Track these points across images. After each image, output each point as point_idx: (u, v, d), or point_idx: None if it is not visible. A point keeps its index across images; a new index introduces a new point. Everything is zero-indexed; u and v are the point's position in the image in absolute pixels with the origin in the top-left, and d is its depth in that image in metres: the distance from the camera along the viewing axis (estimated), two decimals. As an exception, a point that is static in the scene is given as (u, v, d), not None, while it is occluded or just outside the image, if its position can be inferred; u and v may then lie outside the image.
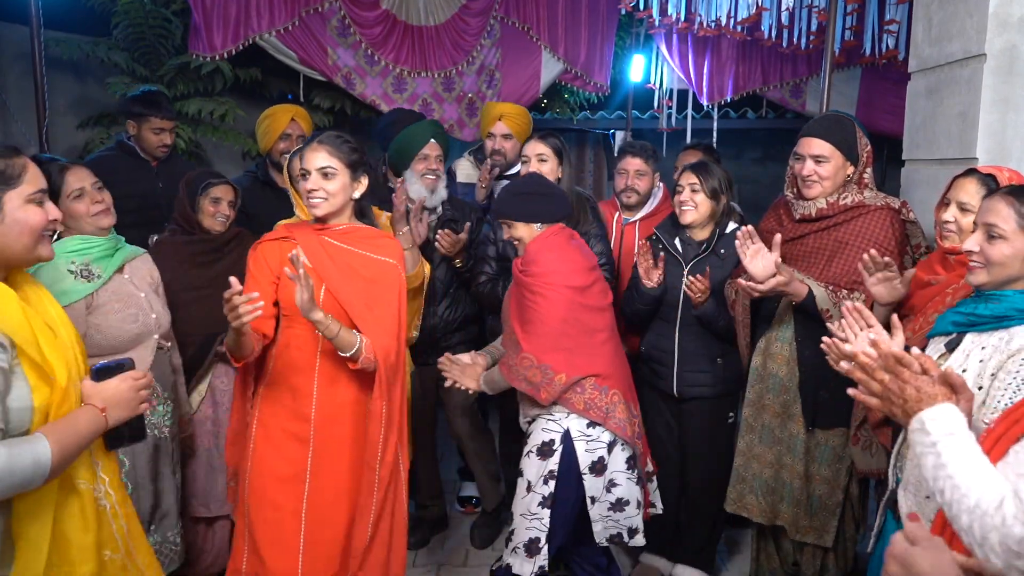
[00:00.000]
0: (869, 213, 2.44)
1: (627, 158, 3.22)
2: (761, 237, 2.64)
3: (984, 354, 1.56)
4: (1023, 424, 1.18)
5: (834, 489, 2.53)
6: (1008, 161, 2.45)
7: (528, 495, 2.45)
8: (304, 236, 2.19)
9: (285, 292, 2.15)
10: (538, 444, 2.45)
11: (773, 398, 2.59)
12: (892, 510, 1.78)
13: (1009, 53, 2.44)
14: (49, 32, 3.74)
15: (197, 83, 4.34)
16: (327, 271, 2.16)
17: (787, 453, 2.57)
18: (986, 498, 1.13)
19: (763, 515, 2.63)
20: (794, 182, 2.57)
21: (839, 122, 2.50)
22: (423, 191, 3.01)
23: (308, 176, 2.17)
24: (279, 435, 2.22)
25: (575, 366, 2.38)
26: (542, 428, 2.46)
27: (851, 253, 2.42)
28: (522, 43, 4.76)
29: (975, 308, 1.61)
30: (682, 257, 2.84)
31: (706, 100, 5.13)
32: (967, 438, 1.24)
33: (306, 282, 1.98)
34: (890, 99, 4.82)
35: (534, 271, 2.41)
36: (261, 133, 3.55)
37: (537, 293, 2.38)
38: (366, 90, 4.59)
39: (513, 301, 2.48)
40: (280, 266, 2.12)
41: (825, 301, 2.40)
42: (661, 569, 3.09)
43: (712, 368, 2.79)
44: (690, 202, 2.77)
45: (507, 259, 2.92)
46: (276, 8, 4.32)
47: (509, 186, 2.62)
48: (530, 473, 2.46)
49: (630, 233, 3.21)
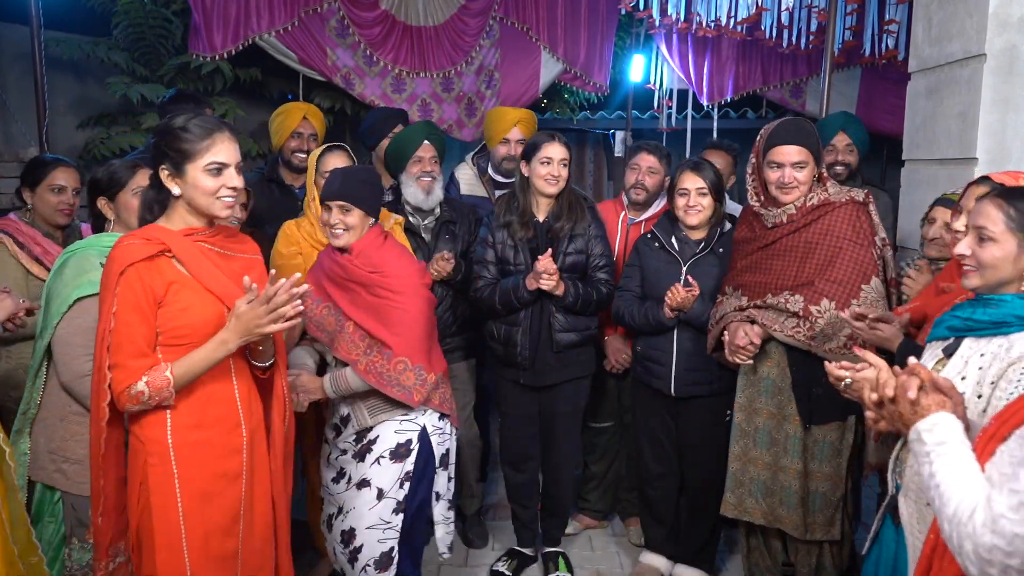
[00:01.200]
0: (834, 210, 2.48)
1: (641, 154, 3.21)
2: (737, 247, 2.67)
3: (983, 361, 1.55)
4: (1011, 424, 1.18)
5: (836, 484, 2.54)
6: (1008, 161, 2.46)
7: (379, 504, 2.39)
8: (179, 244, 1.83)
9: (174, 317, 1.78)
10: (391, 448, 2.40)
11: (766, 400, 2.58)
12: (892, 515, 1.78)
13: (1009, 53, 2.44)
14: (49, 32, 3.74)
15: (197, 83, 4.34)
16: (213, 276, 1.85)
17: (784, 454, 2.57)
18: (962, 506, 1.15)
19: (764, 517, 2.63)
20: (760, 190, 2.58)
21: (806, 127, 2.54)
22: (419, 194, 3.01)
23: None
24: (207, 481, 1.84)
25: (438, 363, 2.46)
26: (395, 431, 2.41)
27: (820, 252, 2.46)
28: (521, 43, 4.75)
29: (972, 313, 1.60)
30: (679, 255, 2.84)
31: (706, 100, 5.13)
32: (958, 447, 1.25)
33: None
34: (890, 99, 4.82)
35: (389, 270, 2.37)
36: (273, 130, 3.58)
37: (399, 292, 2.36)
38: (365, 90, 4.59)
39: (357, 306, 2.35)
40: (163, 286, 1.77)
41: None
42: (661, 569, 3.08)
43: (710, 366, 2.78)
44: (698, 205, 2.78)
45: (506, 262, 2.92)
46: (276, 8, 4.32)
47: (357, 170, 2.51)
48: (382, 480, 2.39)
49: (636, 233, 3.20)
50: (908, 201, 2.93)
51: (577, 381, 2.99)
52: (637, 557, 3.17)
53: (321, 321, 2.43)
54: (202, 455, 1.83)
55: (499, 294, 2.85)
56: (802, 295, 2.44)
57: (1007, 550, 1.07)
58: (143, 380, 1.73)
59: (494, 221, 2.95)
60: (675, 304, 2.71)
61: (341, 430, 2.48)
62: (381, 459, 2.40)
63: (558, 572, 3.09)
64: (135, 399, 1.74)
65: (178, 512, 1.80)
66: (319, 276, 2.47)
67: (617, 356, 3.19)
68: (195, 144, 1.79)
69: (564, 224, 2.87)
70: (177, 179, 1.80)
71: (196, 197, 1.81)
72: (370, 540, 2.39)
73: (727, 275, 2.72)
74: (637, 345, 2.94)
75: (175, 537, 1.79)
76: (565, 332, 2.87)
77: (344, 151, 2.86)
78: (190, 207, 1.83)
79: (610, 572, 3.19)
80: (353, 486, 2.42)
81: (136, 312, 1.74)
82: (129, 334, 1.74)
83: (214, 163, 1.79)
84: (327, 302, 2.44)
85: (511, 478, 3.13)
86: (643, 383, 2.93)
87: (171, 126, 1.81)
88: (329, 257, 2.45)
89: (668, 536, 3.07)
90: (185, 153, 1.78)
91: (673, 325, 2.79)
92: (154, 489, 1.79)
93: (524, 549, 3.19)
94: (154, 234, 1.81)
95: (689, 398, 2.83)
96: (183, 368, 1.77)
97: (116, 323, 1.74)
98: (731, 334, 2.53)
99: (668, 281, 2.80)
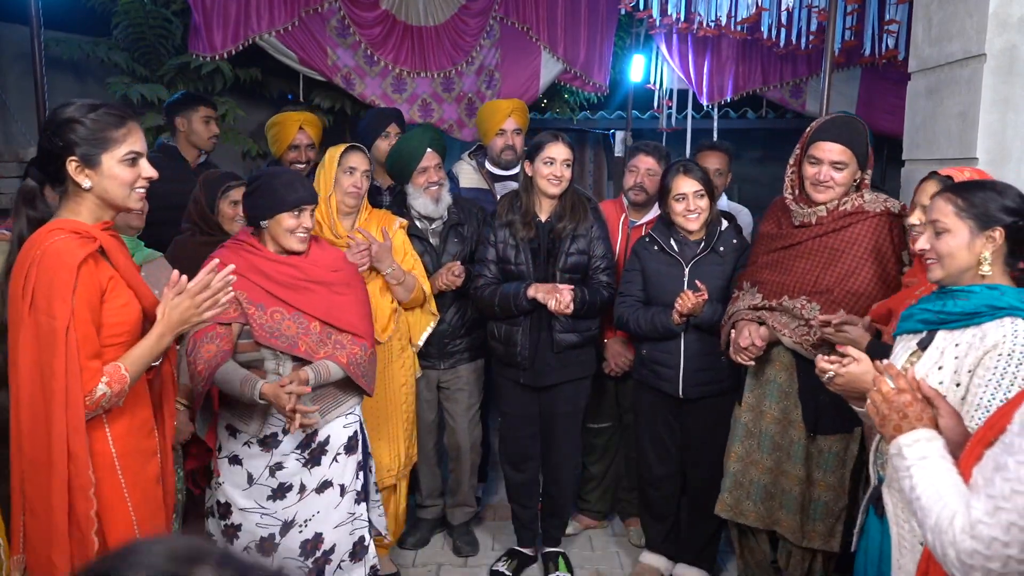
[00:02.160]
0: (866, 219, 2.42)
1: (640, 156, 3.20)
2: (761, 240, 2.64)
3: (959, 351, 1.59)
4: (996, 429, 1.20)
5: (839, 495, 2.51)
6: (1008, 161, 2.45)
7: (344, 499, 2.44)
8: (106, 240, 1.75)
9: (115, 313, 1.73)
10: (344, 443, 2.45)
11: (772, 404, 2.56)
12: (875, 506, 1.80)
13: (1009, 53, 2.44)
14: (49, 32, 3.74)
15: (197, 83, 4.33)
16: (133, 272, 1.83)
17: (787, 460, 2.55)
18: (943, 515, 1.17)
19: (760, 521, 2.62)
20: (797, 184, 2.53)
21: (856, 127, 2.46)
22: (429, 204, 3.03)
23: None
24: (145, 485, 1.82)
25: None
26: (344, 426, 2.46)
27: (845, 261, 2.40)
28: (521, 43, 4.75)
29: (943, 306, 1.64)
30: (680, 257, 2.83)
31: (706, 100, 5.12)
32: (939, 461, 1.28)
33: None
34: (890, 99, 4.81)
35: (340, 265, 2.46)
36: (270, 140, 3.62)
37: (354, 285, 2.47)
38: (366, 90, 4.58)
39: (320, 305, 2.36)
40: (106, 282, 1.71)
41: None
42: (661, 569, 3.08)
43: (717, 365, 2.76)
44: (697, 209, 2.76)
45: (507, 261, 2.92)
46: (276, 8, 4.32)
47: (294, 174, 2.51)
48: (344, 476, 2.44)
49: (637, 235, 3.19)
50: (908, 201, 2.93)
51: (577, 381, 2.99)
52: (637, 557, 3.17)
53: (275, 328, 2.29)
54: (139, 460, 1.78)
55: (499, 297, 2.85)
56: (819, 303, 2.39)
57: (986, 554, 1.10)
58: (103, 381, 1.65)
59: (496, 220, 2.95)
60: (686, 310, 2.67)
61: (269, 447, 2.36)
62: (339, 456, 2.44)
63: (558, 572, 3.09)
64: (95, 404, 1.64)
65: (132, 525, 1.74)
66: (259, 285, 2.31)
67: (617, 360, 3.19)
68: (111, 133, 1.69)
69: (567, 224, 2.87)
70: (89, 171, 1.69)
71: (111, 189, 1.71)
72: (341, 537, 2.44)
73: (746, 269, 2.68)
74: (642, 349, 2.91)
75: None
76: (566, 333, 2.88)
77: (362, 151, 2.88)
78: (101, 200, 1.72)
79: (610, 572, 3.19)
80: (311, 492, 2.39)
81: (90, 310, 1.66)
82: (87, 333, 1.64)
83: (131, 152, 1.72)
84: (276, 307, 2.30)
85: (511, 478, 3.13)
86: (648, 386, 2.91)
87: (80, 116, 1.67)
88: (271, 264, 2.33)
89: (668, 536, 3.07)
90: (100, 142, 1.68)
91: (682, 331, 2.76)
92: (106, 505, 1.70)
93: (524, 549, 3.20)
94: (80, 228, 1.69)
95: (697, 399, 2.82)
96: (134, 366, 1.70)
97: (75, 322, 1.62)
98: (737, 333, 2.50)
99: (671, 283, 2.79)
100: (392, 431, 2.96)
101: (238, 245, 2.37)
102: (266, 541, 2.36)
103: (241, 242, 2.37)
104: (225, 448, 2.38)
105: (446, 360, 3.16)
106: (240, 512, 2.36)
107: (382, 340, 2.88)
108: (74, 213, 1.72)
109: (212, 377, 2.20)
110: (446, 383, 3.20)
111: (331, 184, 2.80)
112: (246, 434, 2.35)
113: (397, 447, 2.99)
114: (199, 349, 2.23)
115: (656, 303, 2.84)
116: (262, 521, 2.36)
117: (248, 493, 2.36)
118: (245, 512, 2.36)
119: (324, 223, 2.81)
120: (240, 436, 2.36)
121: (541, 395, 3.00)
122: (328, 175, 2.80)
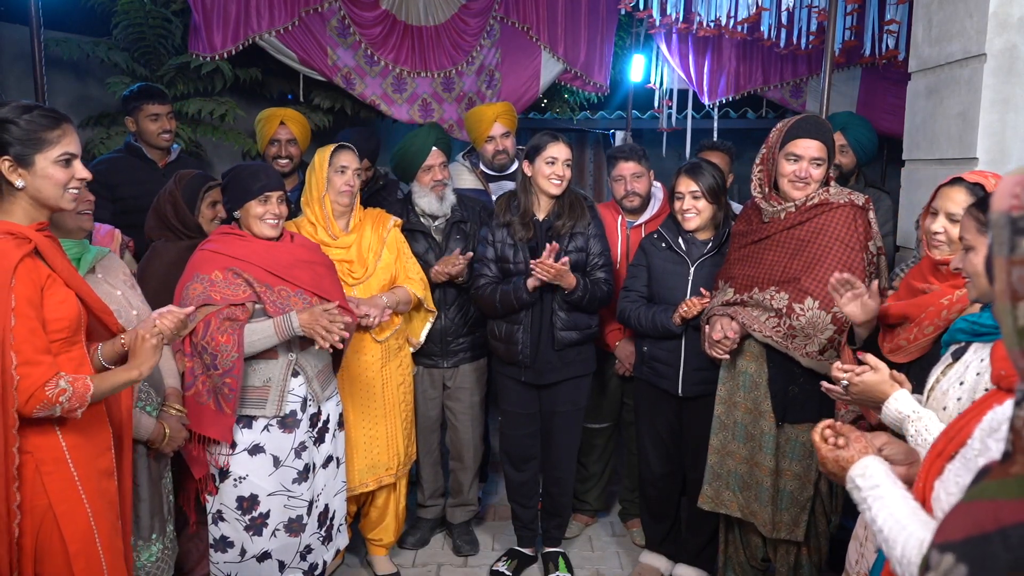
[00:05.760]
0: (831, 210, 2.45)
1: (619, 163, 3.17)
2: (733, 239, 2.67)
3: (982, 366, 1.55)
4: (956, 442, 1.19)
5: (805, 484, 2.54)
6: (1008, 161, 2.45)
7: (339, 469, 2.71)
8: (40, 240, 1.75)
9: (54, 309, 1.71)
10: (336, 420, 2.68)
11: (744, 395, 2.59)
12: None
13: (1009, 53, 2.44)
14: (49, 32, 3.74)
15: (197, 83, 4.34)
16: (71, 271, 1.83)
17: (759, 450, 2.57)
18: (908, 546, 1.16)
19: (740, 510, 2.63)
20: (767, 182, 2.55)
21: (826, 126, 2.53)
22: (435, 202, 3.05)
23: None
24: (96, 479, 1.82)
25: None
26: (335, 403, 2.68)
27: (811, 249, 2.43)
28: (522, 43, 4.75)
29: (979, 318, 1.61)
30: (687, 256, 2.83)
31: (706, 100, 5.12)
32: (890, 488, 1.27)
33: None
34: (890, 99, 4.81)
35: (314, 245, 2.68)
36: (257, 137, 3.66)
37: (330, 265, 2.66)
38: (366, 90, 4.59)
39: (309, 281, 2.51)
40: (43, 281, 1.71)
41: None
42: (661, 569, 3.09)
43: (717, 365, 2.74)
44: (692, 209, 2.77)
45: (506, 260, 2.92)
46: (276, 8, 4.32)
47: (261, 165, 2.73)
48: (339, 450, 2.70)
49: (636, 237, 3.19)
50: (908, 201, 2.93)
51: (578, 379, 2.99)
52: (637, 557, 3.17)
53: (284, 304, 2.42)
54: (87, 453, 1.79)
55: (499, 294, 2.85)
56: (787, 292, 2.42)
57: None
58: (65, 379, 1.65)
59: (494, 220, 2.96)
60: (691, 316, 2.69)
61: (291, 428, 2.49)
62: (337, 433, 2.69)
63: (558, 572, 3.09)
64: (54, 398, 1.63)
65: (88, 517, 1.76)
66: (262, 267, 2.43)
67: (630, 359, 3.17)
68: (46, 134, 1.71)
69: (564, 222, 2.88)
70: (22, 170, 1.70)
71: (44, 189, 1.72)
72: (339, 504, 2.73)
73: (720, 268, 2.71)
74: (643, 346, 2.92)
75: (90, 543, 1.76)
76: (566, 330, 2.88)
77: (352, 149, 2.86)
78: (35, 200, 1.74)
79: (610, 572, 3.19)
80: (319, 469, 2.60)
81: (32, 307, 1.66)
82: (33, 328, 1.64)
83: (65, 154, 1.73)
84: (281, 285, 2.44)
85: (511, 477, 3.13)
86: (648, 383, 2.92)
87: (14, 116, 1.69)
88: (265, 247, 2.46)
89: (668, 536, 3.07)
90: (34, 143, 1.69)
91: (681, 332, 2.78)
92: (56, 499, 1.71)
93: (524, 549, 3.20)
94: (14, 229, 1.70)
95: (696, 397, 2.82)
96: (102, 383, 1.72)
97: (17, 320, 1.62)
98: (710, 327, 2.55)
99: (675, 281, 2.80)
100: (391, 430, 2.96)
101: (226, 236, 2.48)
102: (294, 522, 2.52)
103: (228, 233, 2.49)
104: (241, 442, 2.45)
105: (449, 358, 3.16)
106: (268, 498, 2.47)
107: (381, 340, 2.89)
108: (8, 214, 1.74)
109: (243, 350, 2.35)
110: (449, 381, 3.21)
111: (323, 185, 2.78)
112: (264, 418, 2.45)
113: (396, 446, 2.99)
114: (217, 336, 2.32)
115: (659, 300, 2.85)
116: (289, 503, 2.50)
117: (275, 477, 2.47)
118: (273, 496, 2.48)
119: (319, 224, 2.80)
120: (257, 423, 2.45)
121: (542, 393, 3.00)
122: (319, 176, 2.78)
